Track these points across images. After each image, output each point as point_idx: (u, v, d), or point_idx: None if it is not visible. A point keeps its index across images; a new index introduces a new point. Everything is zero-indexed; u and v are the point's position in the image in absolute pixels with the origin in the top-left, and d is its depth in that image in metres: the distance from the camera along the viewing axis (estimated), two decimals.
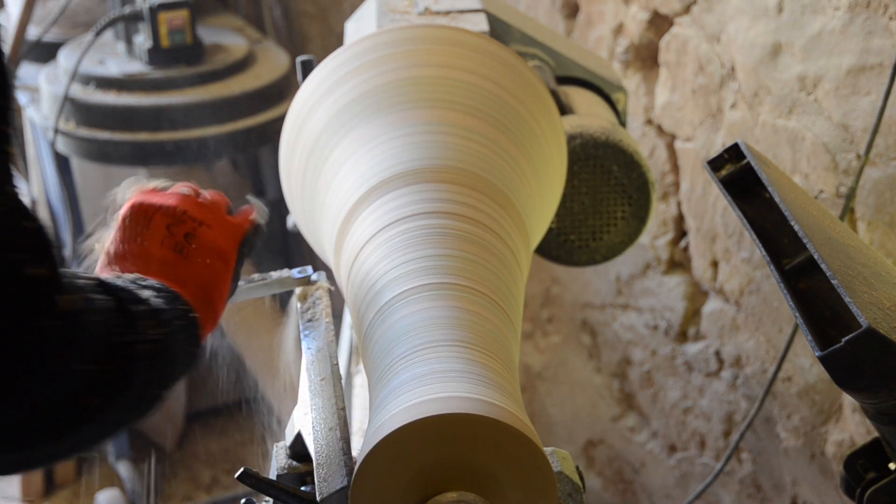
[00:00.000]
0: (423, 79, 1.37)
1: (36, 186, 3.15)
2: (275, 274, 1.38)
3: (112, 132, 2.79)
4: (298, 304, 1.36)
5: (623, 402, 2.69)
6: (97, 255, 1.18)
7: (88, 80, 2.82)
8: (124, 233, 1.15)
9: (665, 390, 2.51)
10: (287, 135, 1.45)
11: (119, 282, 1.04)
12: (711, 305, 2.32)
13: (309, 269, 1.34)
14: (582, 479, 1.08)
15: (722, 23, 2.04)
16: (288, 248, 3.31)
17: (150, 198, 1.18)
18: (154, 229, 1.14)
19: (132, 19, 2.84)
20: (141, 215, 1.16)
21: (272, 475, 1.20)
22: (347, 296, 1.26)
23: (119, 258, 1.13)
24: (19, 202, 0.89)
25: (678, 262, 2.40)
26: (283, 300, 3.37)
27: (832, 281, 1.08)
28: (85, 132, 2.80)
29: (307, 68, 1.61)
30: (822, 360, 1.05)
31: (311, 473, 1.10)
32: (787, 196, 1.20)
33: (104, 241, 1.18)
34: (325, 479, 1.05)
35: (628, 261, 2.48)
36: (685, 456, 2.52)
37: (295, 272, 1.33)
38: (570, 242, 1.67)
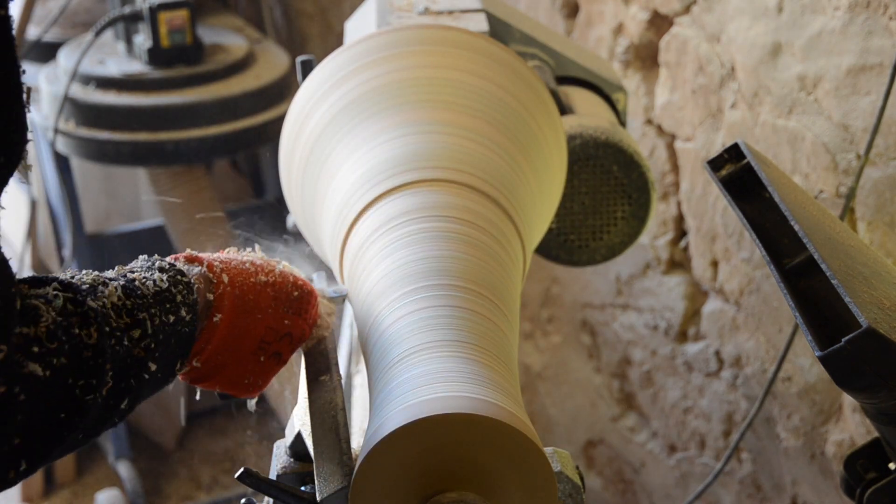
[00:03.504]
0: (423, 79, 1.37)
1: (36, 186, 3.15)
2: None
3: (112, 132, 2.79)
4: None
5: (623, 402, 2.69)
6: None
7: (88, 80, 2.82)
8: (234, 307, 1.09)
9: (665, 390, 2.51)
10: (287, 135, 1.46)
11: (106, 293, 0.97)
12: (711, 305, 2.32)
13: (344, 289, 1.27)
14: (582, 479, 1.08)
15: (722, 23, 2.04)
16: (288, 248, 3.31)
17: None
18: (253, 336, 1.11)
19: (132, 19, 2.84)
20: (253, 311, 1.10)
21: (272, 475, 1.20)
22: (348, 296, 1.26)
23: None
24: None
25: (678, 262, 2.40)
26: None
27: (832, 281, 1.08)
28: (85, 132, 2.80)
29: (307, 68, 1.61)
30: (822, 360, 1.05)
31: (311, 473, 1.10)
32: (787, 196, 1.20)
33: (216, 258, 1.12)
34: (325, 479, 1.05)
35: (628, 261, 2.48)
36: (685, 456, 2.52)
37: (330, 291, 1.26)
38: (570, 242, 1.67)
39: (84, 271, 0.98)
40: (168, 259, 1.07)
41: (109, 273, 1.01)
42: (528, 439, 0.96)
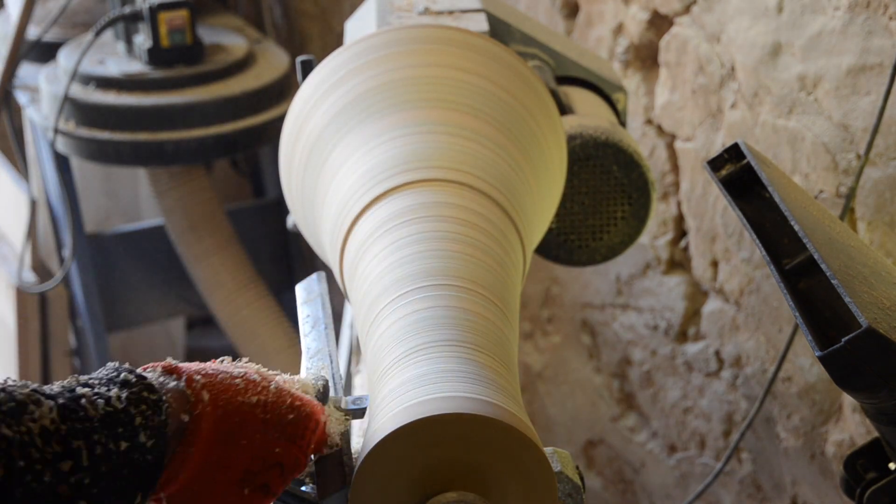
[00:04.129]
0: (423, 79, 1.37)
1: (36, 186, 3.15)
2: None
3: (112, 132, 2.79)
4: (299, 305, 1.36)
5: (623, 402, 2.68)
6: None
7: (88, 80, 2.82)
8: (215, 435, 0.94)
9: (665, 390, 2.51)
10: (287, 135, 1.45)
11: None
12: (711, 305, 2.32)
13: (365, 399, 1.12)
14: (582, 479, 1.08)
15: (722, 23, 2.04)
16: (288, 248, 3.31)
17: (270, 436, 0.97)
18: (237, 465, 0.95)
19: (132, 19, 2.84)
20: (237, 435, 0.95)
21: None
22: (348, 296, 1.26)
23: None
24: None
25: (678, 262, 2.40)
26: (282, 300, 3.36)
27: (832, 281, 1.08)
28: (85, 132, 2.80)
29: (307, 68, 1.61)
30: (822, 360, 1.05)
31: (311, 473, 1.09)
32: (787, 196, 1.20)
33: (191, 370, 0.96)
34: (325, 479, 1.05)
35: (628, 261, 2.48)
36: (685, 456, 2.52)
37: (349, 401, 1.12)
38: (570, 242, 1.67)
39: (21, 383, 0.84)
40: (139, 370, 0.93)
41: (55, 386, 0.87)
42: (528, 439, 0.96)
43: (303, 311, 1.31)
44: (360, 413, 1.10)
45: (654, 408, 2.57)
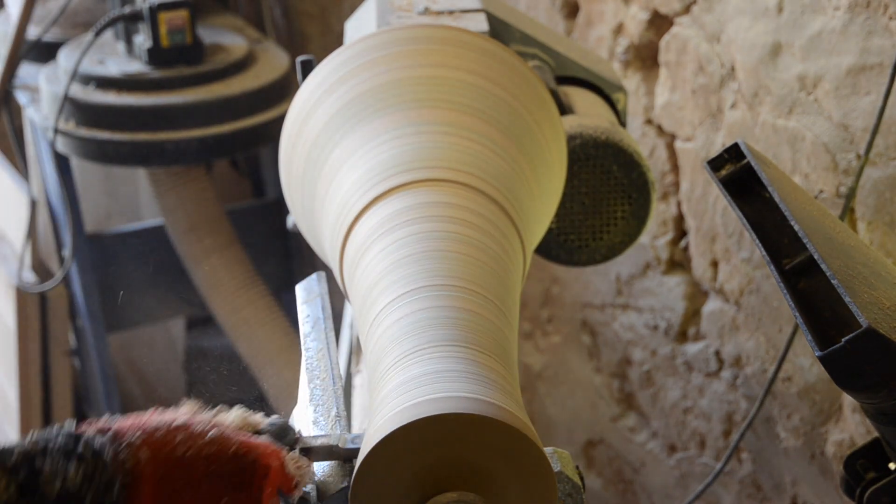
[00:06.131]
0: (423, 79, 1.37)
1: (36, 186, 3.15)
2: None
3: (112, 132, 2.79)
4: (299, 305, 1.36)
5: (623, 402, 2.69)
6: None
7: (88, 80, 2.82)
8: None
9: (665, 390, 2.51)
10: (287, 135, 1.45)
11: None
12: (711, 305, 2.32)
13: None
14: (582, 479, 1.08)
15: (722, 23, 2.04)
16: (288, 248, 3.31)
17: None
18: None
19: (132, 19, 2.84)
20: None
21: None
22: (348, 296, 1.26)
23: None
24: None
25: (678, 262, 2.40)
26: (282, 300, 3.36)
27: (832, 281, 1.08)
28: (85, 132, 2.80)
29: (307, 68, 1.61)
30: (822, 360, 1.05)
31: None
32: (787, 196, 1.20)
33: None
34: (326, 479, 1.05)
35: (628, 261, 2.48)
36: (685, 456, 2.52)
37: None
38: (570, 242, 1.67)
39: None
40: (87, 434, 0.90)
41: (17, 447, 0.86)
42: (528, 439, 0.96)
43: (303, 311, 1.31)
44: (355, 453, 1.05)
45: (654, 408, 2.57)
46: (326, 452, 1.06)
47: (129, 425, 0.92)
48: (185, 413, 0.97)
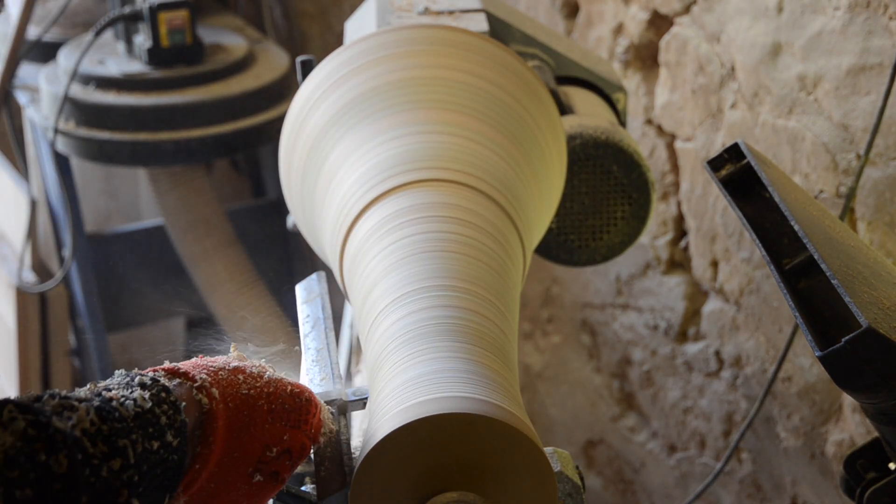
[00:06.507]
0: (423, 79, 1.37)
1: (36, 186, 3.15)
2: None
3: (112, 132, 2.79)
4: (299, 305, 1.36)
5: (623, 402, 2.69)
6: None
7: (88, 80, 2.82)
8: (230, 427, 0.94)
9: (665, 390, 2.51)
10: (287, 135, 1.45)
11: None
12: (711, 305, 2.32)
13: (364, 391, 1.14)
14: (582, 479, 1.08)
15: (722, 23, 2.04)
16: (288, 248, 3.31)
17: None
18: (250, 449, 0.96)
19: (132, 19, 2.84)
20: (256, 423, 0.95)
21: None
22: (348, 296, 1.26)
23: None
24: None
25: (678, 262, 2.40)
26: (282, 300, 3.36)
27: (832, 281, 1.08)
28: (85, 132, 2.80)
29: (307, 68, 1.61)
30: (822, 360, 1.05)
31: (311, 473, 1.09)
32: (787, 196, 1.20)
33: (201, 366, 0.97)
34: (325, 479, 1.05)
35: (628, 261, 2.48)
36: (685, 456, 2.52)
37: (349, 393, 1.14)
38: (570, 242, 1.67)
39: (48, 392, 0.84)
40: (148, 372, 0.94)
41: (81, 392, 0.87)
42: (528, 439, 0.96)
43: (303, 311, 1.31)
44: (359, 404, 1.11)
45: (654, 408, 2.57)
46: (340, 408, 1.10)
47: (194, 367, 0.96)
48: (233, 357, 1.01)
